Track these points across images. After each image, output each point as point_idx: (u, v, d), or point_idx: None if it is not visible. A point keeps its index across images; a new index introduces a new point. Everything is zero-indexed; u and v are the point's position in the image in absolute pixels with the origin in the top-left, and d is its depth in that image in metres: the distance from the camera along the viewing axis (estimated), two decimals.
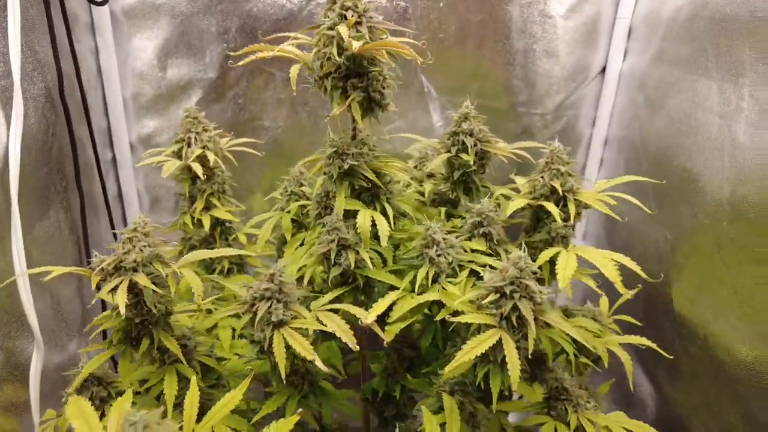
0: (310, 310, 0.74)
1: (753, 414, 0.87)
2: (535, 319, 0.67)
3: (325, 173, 0.80)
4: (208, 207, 1.06)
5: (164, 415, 0.56)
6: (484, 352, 0.68)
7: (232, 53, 0.77)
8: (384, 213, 0.80)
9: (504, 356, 0.65)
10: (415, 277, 0.77)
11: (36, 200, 1.01)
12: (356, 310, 0.74)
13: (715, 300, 0.95)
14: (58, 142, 1.09)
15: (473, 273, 0.78)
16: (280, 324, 0.69)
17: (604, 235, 1.46)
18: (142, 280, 0.67)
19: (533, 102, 1.37)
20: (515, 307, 0.66)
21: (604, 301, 1.03)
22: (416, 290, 0.76)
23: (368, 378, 1.03)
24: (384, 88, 0.75)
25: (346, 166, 0.76)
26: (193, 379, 0.64)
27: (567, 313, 0.94)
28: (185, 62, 1.35)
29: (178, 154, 1.03)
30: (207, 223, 1.03)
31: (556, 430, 0.77)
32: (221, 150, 1.07)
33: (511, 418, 0.92)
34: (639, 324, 0.97)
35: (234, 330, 0.94)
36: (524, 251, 0.67)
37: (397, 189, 0.85)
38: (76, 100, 1.17)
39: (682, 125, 1.07)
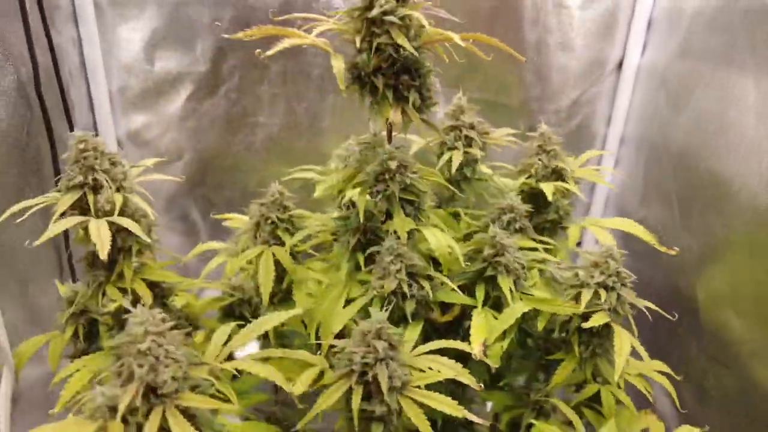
0: None
1: None
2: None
3: (371, 194, 0.68)
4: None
5: None
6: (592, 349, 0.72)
7: (228, 35, 0.63)
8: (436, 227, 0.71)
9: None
10: (488, 291, 0.72)
11: (6, 203, 0.93)
12: (462, 345, 0.63)
13: (747, 315, 0.87)
14: (35, 141, 1.01)
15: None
16: (403, 387, 0.56)
17: (622, 244, 1.38)
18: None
19: (546, 98, 1.29)
20: (619, 297, 0.67)
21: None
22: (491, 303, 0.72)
23: None
24: (431, 85, 0.66)
25: (408, 181, 0.66)
26: None
27: None
28: (174, 55, 1.27)
29: (81, 207, 0.64)
30: (147, 294, 0.67)
31: None
32: (132, 188, 0.68)
33: None
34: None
35: None
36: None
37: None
38: (56, 96, 1.08)
39: (711, 125, 0.99)
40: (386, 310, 0.59)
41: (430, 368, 0.58)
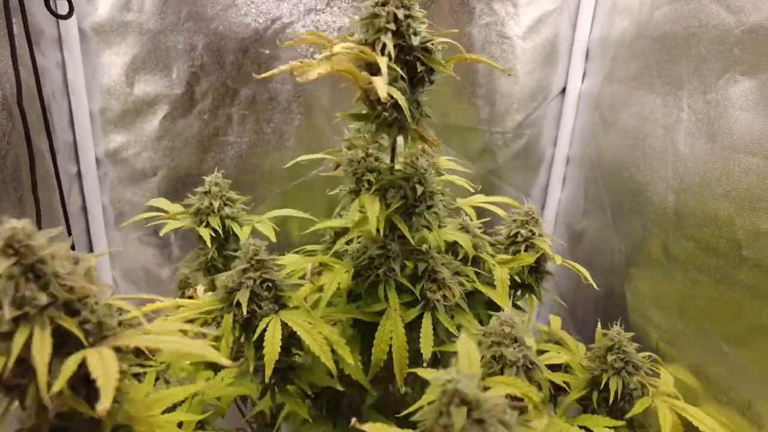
0: None
1: None
2: None
3: (411, 215, 0.68)
4: None
5: None
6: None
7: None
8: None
9: None
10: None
11: None
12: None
13: (665, 309, 0.96)
14: (14, 151, 1.09)
15: None
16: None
17: (568, 252, 1.47)
18: None
19: (494, 120, 1.40)
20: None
21: (555, 319, 1.04)
22: None
23: None
24: None
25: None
26: None
27: None
28: (152, 78, 1.37)
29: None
30: None
31: None
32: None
33: None
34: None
35: None
36: None
37: None
38: (37, 112, 1.17)
39: (631, 139, 1.10)
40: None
41: None
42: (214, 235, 0.83)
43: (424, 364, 0.65)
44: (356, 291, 0.72)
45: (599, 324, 0.82)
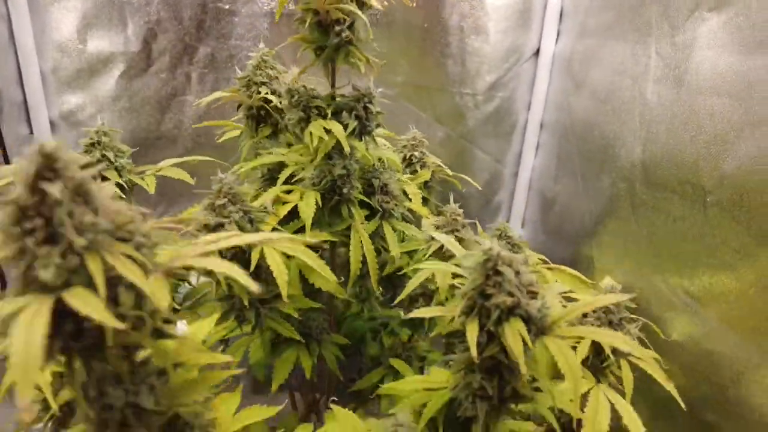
0: None
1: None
2: None
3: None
4: None
5: None
6: None
7: None
8: None
9: None
10: None
11: None
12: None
13: (633, 264, 0.92)
14: None
15: None
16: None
17: (540, 220, 1.43)
18: None
19: (463, 81, 1.35)
20: None
21: None
22: None
23: None
24: None
25: None
26: None
27: None
28: (107, 35, 1.30)
29: None
30: None
31: None
32: None
33: None
34: None
35: None
36: None
37: None
38: None
39: (601, 93, 1.06)
40: None
41: None
42: (119, 191, 0.77)
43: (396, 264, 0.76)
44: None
45: (478, 224, 0.85)
